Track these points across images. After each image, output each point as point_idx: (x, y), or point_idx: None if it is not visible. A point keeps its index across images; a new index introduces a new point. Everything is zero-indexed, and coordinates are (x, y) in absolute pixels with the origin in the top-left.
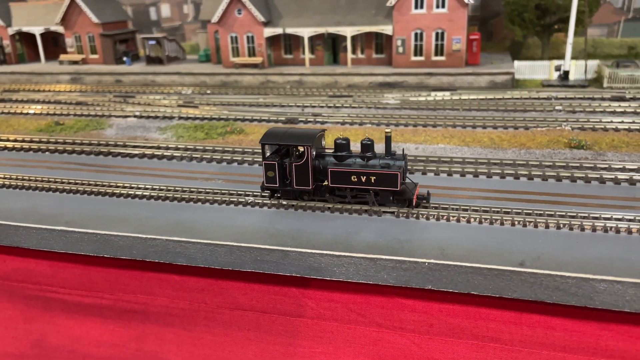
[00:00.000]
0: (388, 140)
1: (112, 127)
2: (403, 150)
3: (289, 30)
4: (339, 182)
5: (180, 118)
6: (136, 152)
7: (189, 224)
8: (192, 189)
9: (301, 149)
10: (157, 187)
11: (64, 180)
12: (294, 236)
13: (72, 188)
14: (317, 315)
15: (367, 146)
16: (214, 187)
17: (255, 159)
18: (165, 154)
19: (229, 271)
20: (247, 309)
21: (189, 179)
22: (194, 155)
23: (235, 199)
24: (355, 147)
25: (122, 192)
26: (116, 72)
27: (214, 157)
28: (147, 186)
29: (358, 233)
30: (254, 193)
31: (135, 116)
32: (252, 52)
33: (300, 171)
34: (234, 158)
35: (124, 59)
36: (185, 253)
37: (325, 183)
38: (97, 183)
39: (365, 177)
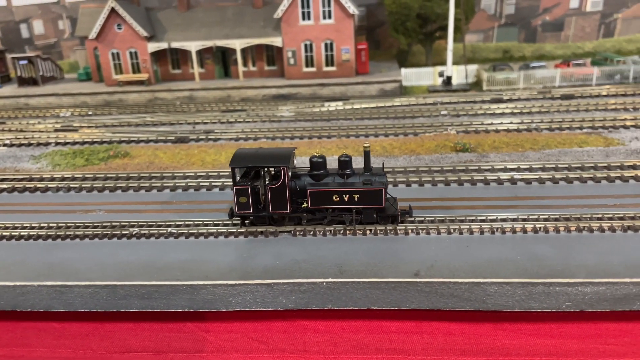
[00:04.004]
0: (367, 155)
1: None
2: (383, 164)
3: (175, 45)
4: (320, 203)
5: (57, 144)
6: (4, 186)
7: (65, 265)
8: (68, 224)
9: (275, 170)
10: (28, 225)
11: None
12: (183, 268)
13: None
14: (217, 348)
15: (345, 163)
16: (94, 219)
17: (142, 185)
18: (38, 185)
19: (115, 312)
20: (139, 350)
21: (66, 212)
22: (72, 185)
23: (119, 232)
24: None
25: None
26: None
27: (95, 185)
28: (16, 225)
29: (254, 258)
30: (140, 223)
31: (4, 145)
32: (136, 69)
33: (276, 194)
34: (117, 185)
35: None
36: (62, 298)
37: (305, 205)
38: None
39: (347, 195)
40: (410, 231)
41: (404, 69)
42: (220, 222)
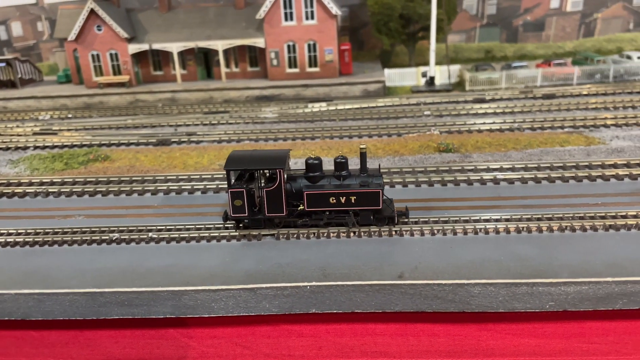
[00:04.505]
0: (363, 156)
1: None
2: (379, 165)
3: (156, 46)
4: (316, 205)
5: (36, 148)
6: None
7: (43, 272)
8: (47, 230)
9: (271, 172)
10: (5, 231)
11: None
12: (165, 274)
13: None
14: (200, 354)
15: (341, 164)
16: (73, 225)
17: (122, 189)
18: (16, 190)
19: (95, 319)
20: (120, 358)
21: (45, 218)
22: (50, 190)
23: (98, 237)
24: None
25: None
26: None
27: (74, 190)
28: None
29: (236, 262)
30: (120, 228)
31: None
32: (117, 71)
33: (272, 197)
34: (97, 189)
35: None
36: (40, 306)
37: (301, 207)
38: None
39: (344, 197)
40: (394, 232)
41: (387, 70)
42: (202, 225)
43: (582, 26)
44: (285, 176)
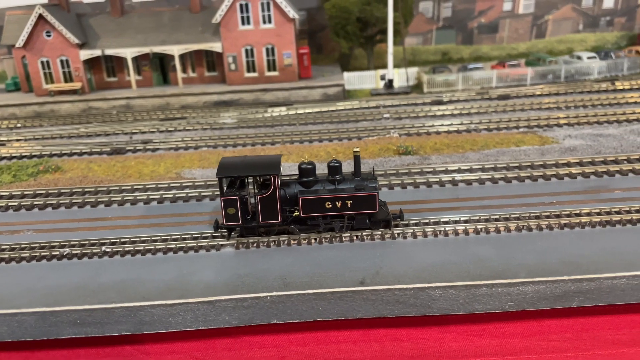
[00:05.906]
0: (357, 160)
1: None
2: (373, 168)
3: (109, 52)
4: (312, 210)
5: None
6: None
7: None
8: None
9: (264, 178)
10: None
11: None
12: (119, 289)
13: None
14: None
15: (335, 169)
16: (21, 241)
17: (74, 201)
18: None
19: (46, 340)
20: None
21: None
22: None
23: (48, 253)
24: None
25: None
26: None
27: (23, 203)
28: None
29: (194, 274)
30: (71, 243)
31: None
32: (68, 78)
33: (266, 203)
34: (48, 202)
35: None
36: None
37: (296, 213)
38: None
39: (340, 202)
40: (354, 237)
41: (347, 73)
42: (159, 237)
43: (534, 28)
44: (279, 182)
